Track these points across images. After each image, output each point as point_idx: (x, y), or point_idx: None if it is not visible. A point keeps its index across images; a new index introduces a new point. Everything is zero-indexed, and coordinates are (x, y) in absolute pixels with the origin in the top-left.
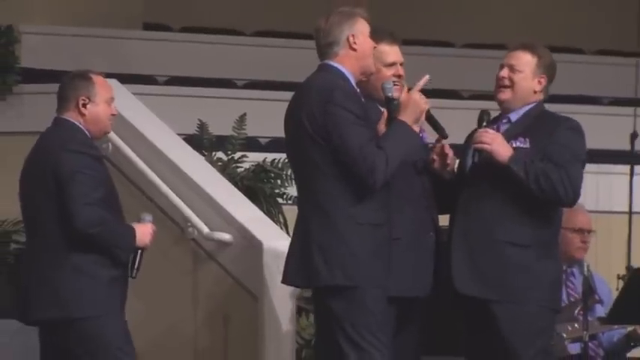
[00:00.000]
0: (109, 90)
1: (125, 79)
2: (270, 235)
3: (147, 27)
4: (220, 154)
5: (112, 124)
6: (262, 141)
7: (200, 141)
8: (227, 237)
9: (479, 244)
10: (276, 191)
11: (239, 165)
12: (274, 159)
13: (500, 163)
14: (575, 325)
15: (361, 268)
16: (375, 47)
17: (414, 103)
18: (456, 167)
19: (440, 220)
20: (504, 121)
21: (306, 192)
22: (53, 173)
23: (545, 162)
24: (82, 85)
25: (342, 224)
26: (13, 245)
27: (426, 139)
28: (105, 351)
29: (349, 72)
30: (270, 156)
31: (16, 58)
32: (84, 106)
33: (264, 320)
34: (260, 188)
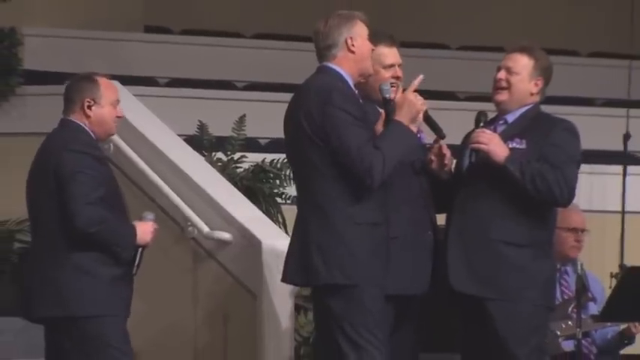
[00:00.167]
0: (114, 92)
1: (126, 80)
2: (270, 234)
3: (147, 29)
4: (220, 155)
5: (117, 126)
6: (261, 142)
7: (200, 142)
8: (227, 236)
9: (474, 243)
10: (275, 191)
11: (238, 165)
12: (273, 159)
13: (496, 163)
14: (569, 322)
15: (359, 267)
16: (373, 49)
17: (409, 104)
18: (453, 167)
19: (438, 219)
20: (501, 122)
21: (305, 192)
22: (55, 173)
23: (541, 163)
24: (87, 87)
25: (341, 224)
26: (17, 244)
27: (424, 140)
28: (103, 350)
29: (347, 74)
30: (269, 156)
31: (18, 60)
32: (89, 108)
33: (264, 318)
34: (259, 188)
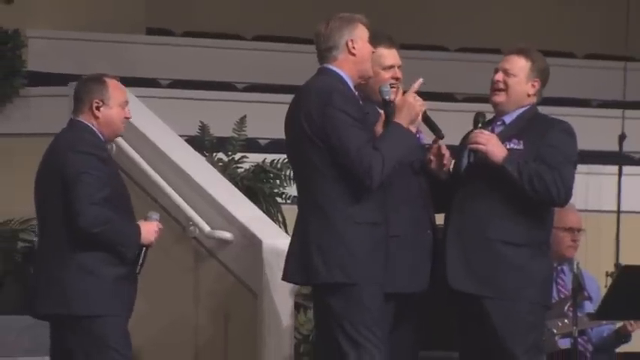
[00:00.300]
0: (122, 94)
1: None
2: (270, 233)
3: (150, 32)
4: (221, 155)
5: (124, 127)
6: (262, 142)
7: (201, 142)
8: (228, 235)
9: (473, 243)
10: (275, 191)
11: (239, 165)
12: (273, 160)
13: (494, 164)
14: (565, 320)
15: (359, 266)
16: (373, 52)
17: (408, 106)
18: (451, 167)
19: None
20: (499, 123)
21: (305, 192)
22: (61, 173)
23: (538, 163)
24: (96, 88)
25: (341, 224)
26: (20, 244)
27: (422, 140)
28: (102, 351)
29: (348, 76)
30: (269, 157)
31: (22, 61)
32: (97, 108)
33: (264, 316)
34: (259, 188)
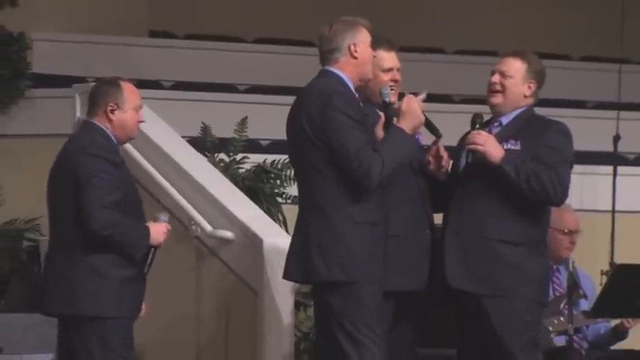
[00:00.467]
0: (137, 97)
1: None
2: (271, 232)
3: (152, 34)
4: (223, 156)
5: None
6: (263, 143)
7: (203, 143)
8: (229, 234)
9: (471, 242)
10: (276, 191)
11: (240, 166)
12: (274, 160)
13: (492, 164)
14: (561, 318)
15: (358, 265)
16: (374, 56)
17: (413, 114)
18: (449, 168)
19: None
20: (496, 124)
21: (306, 193)
22: (73, 175)
23: (535, 163)
24: (111, 91)
25: (341, 223)
26: (26, 243)
27: (421, 141)
28: (104, 351)
29: (349, 78)
30: (270, 157)
31: (27, 64)
32: (112, 112)
33: (265, 314)
34: (260, 188)
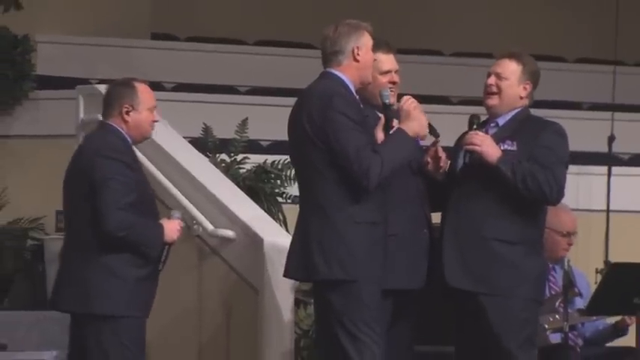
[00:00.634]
0: (151, 98)
1: None
2: (271, 232)
3: (154, 37)
4: (224, 156)
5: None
6: (263, 143)
7: (205, 144)
8: (230, 234)
9: (469, 241)
10: (276, 191)
11: (241, 166)
12: (274, 160)
13: (489, 164)
14: (556, 316)
15: (358, 264)
16: (375, 60)
17: (420, 123)
18: (447, 169)
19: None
20: (492, 125)
21: (307, 193)
22: (88, 177)
23: (531, 163)
24: (126, 93)
25: (341, 223)
26: (30, 242)
27: (419, 142)
28: (117, 349)
29: (350, 80)
30: (270, 157)
31: (31, 66)
32: (127, 113)
33: (265, 312)
34: (261, 188)
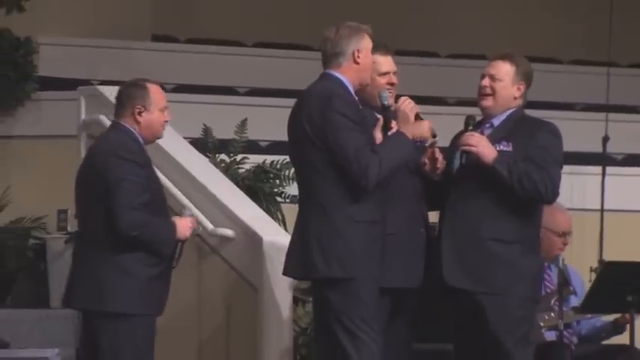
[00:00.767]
0: (163, 98)
1: None
2: (270, 230)
3: (155, 38)
4: (223, 156)
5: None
6: (262, 144)
7: (205, 144)
8: (230, 233)
9: (466, 241)
10: (275, 190)
11: (241, 166)
12: (273, 160)
13: (485, 164)
14: (552, 314)
15: (357, 262)
16: (374, 62)
17: (422, 130)
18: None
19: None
20: (487, 125)
21: (307, 192)
22: (101, 177)
23: (527, 163)
24: (138, 94)
25: (340, 222)
26: (32, 241)
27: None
28: (131, 348)
29: (349, 82)
30: (269, 158)
31: (34, 67)
32: (139, 114)
33: (264, 310)
34: (260, 188)
